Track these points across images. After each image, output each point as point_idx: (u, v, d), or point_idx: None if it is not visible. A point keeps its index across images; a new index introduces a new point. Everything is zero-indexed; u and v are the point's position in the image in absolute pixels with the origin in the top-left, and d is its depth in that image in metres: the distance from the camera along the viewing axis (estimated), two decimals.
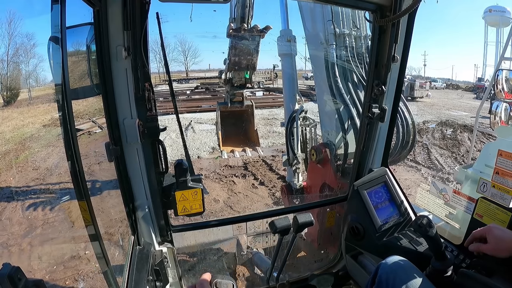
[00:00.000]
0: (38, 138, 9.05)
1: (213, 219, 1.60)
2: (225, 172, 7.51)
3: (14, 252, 3.98)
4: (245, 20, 3.94)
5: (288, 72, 3.13)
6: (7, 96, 13.34)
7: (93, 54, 1.06)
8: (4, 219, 4.89)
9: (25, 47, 16.95)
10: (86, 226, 0.96)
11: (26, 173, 6.87)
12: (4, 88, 14.09)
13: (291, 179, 3.07)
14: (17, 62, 17.25)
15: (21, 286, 0.59)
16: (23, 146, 8.50)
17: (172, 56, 47.21)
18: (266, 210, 2.45)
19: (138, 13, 1.05)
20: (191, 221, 1.61)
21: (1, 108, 12.99)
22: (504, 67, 2.71)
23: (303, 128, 2.95)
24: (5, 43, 17.84)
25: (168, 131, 10.89)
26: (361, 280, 1.60)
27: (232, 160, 8.03)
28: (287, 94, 3.14)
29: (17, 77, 15.40)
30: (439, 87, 32.87)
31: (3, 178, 6.65)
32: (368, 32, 2.66)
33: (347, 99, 2.52)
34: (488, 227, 1.13)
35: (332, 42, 2.56)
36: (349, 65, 2.62)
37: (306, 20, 2.72)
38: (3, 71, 15.42)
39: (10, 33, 17.71)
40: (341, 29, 2.57)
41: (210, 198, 6.07)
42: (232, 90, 4.57)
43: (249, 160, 8.09)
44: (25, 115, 11.67)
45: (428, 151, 8.84)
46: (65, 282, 3.33)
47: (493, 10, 6.49)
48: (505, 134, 2.16)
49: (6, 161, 7.61)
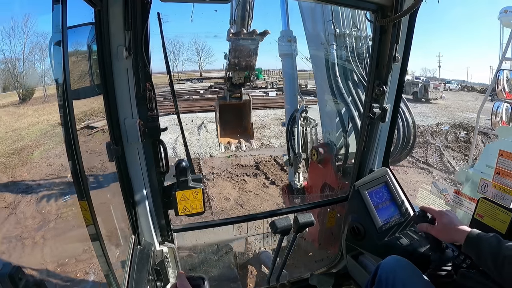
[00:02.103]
0: (53, 135, 9.24)
1: (214, 219, 1.60)
2: (236, 171, 7.54)
3: (19, 250, 4.00)
4: (245, 23, 4.16)
5: (288, 72, 3.15)
6: (22, 94, 13.55)
7: (94, 54, 1.06)
8: (18, 212, 4.93)
9: (41, 46, 17.18)
10: (87, 226, 0.96)
11: (40, 169, 7.02)
12: (19, 86, 14.33)
13: (292, 179, 3.07)
14: (33, 60, 17.45)
15: (21, 285, 0.59)
16: (38, 142, 8.74)
17: (186, 55, 47.19)
18: (267, 210, 2.44)
19: (139, 13, 1.05)
20: (192, 221, 1.61)
21: (17, 105, 13.20)
22: (505, 67, 2.70)
23: (303, 128, 2.95)
24: (21, 42, 18.09)
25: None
26: (362, 280, 1.60)
27: (244, 160, 8.12)
28: (287, 94, 3.15)
29: (33, 75, 15.57)
30: (453, 89, 32.25)
31: (18, 173, 6.87)
32: (368, 32, 2.67)
33: (347, 99, 2.52)
34: (440, 212, 1.19)
35: (332, 42, 2.57)
36: (349, 65, 2.63)
37: (306, 21, 2.73)
38: (19, 69, 15.65)
39: (26, 32, 17.95)
40: (341, 29, 2.57)
41: (221, 196, 6.11)
42: (231, 88, 4.78)
43: (260, 160, 8.15)
44: (40, 112, 11.83)
45: (440, 153, 8.81)
46: (65, 282, 3.34)
47: (509, 11, 6.41)
48: (506, 134, 2.16)
49: (22, 157, 7.85)
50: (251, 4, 4.12)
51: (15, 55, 18.04)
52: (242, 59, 4.33)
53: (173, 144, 9.08)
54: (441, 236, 1.15)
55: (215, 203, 5.81)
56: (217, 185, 6.62)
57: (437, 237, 1.15)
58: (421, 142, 9.84)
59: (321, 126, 2.84)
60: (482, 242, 1.00)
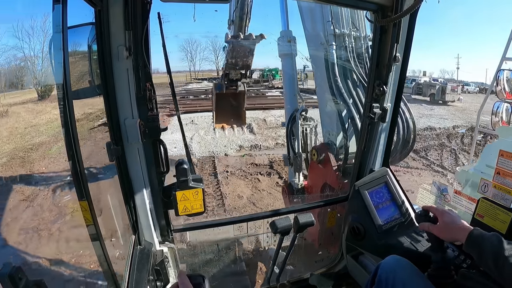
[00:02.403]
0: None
1: (214, 219, 1.60)
2: (250, 169, 7.61)
3: (35, 241, 4.02)
4: (242, 24, 4.45)
5: (288, 73, 3.16)
6: (41, 91, 13.80)
7: (94, 54, 1.06)
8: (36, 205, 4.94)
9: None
10: (87, 226, 0.96)
11: (58, 164, 7.15)
12: (38, 83, 14.63)
13: (292, 179, 3.07)
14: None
15: (22, 285, 0.59)
16: (56, 138, 8.87)
17: (203, 55, 47.08)
18: (267, 210, 2.44)
19: (139, 13, 1.05)
20: (192, 221, 1.61)
21: (36, 102, 13.41)
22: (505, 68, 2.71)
23: (303, 128, 2.95)
24: (40, 40, 18.32)
25: (197, 128, 11.22)
26: (362, 280, 1.60)
27: (258, 159, 8.20)
28: (287, 94, 3.16)
29: (51, 73, 15.93)
30: (472, 91, 31.30)
31: (36, 168, 7.06)
32: (368, 32, 2.67)
33: (347, 99, 2.52)
34: (442, 211, 1.18)
35: (332, 42, 2.57)
36: (349, 65, 2.63)
37: (306, 21, 2.74)
38: (38, 67, 15.87)
39: (44, 31, 18.16)
40: (340, 29, 2.58)
41: (235, 194, 6.19)
42: (229, 82, 5.13)
43: (275, 159, 8.19)
44: (58, 109, 12.10)
45: (455, 156, 8.75)
46: (66, 282, 3.34)
47: None
48: (506, 134, 2.16)
49: (40, 152, 8.09)
50: (249, 6, 4.32)
51: (34, 53, 18.41)
52: (239, 59, 4.71)
53: (188, 143, 9.11)
54: (443, 235, 1.14)
55: (228, 200, 5.87)
56: (231, 183, 6.70)
57: (439, 236, 1.15)
58: (436, 145, 9.78)
59: (321, 126, 2.84)
60: (483, 242, 1.00)
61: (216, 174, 7.27)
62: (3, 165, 7.06)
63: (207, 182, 6.84)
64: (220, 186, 6.46)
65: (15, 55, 18.95)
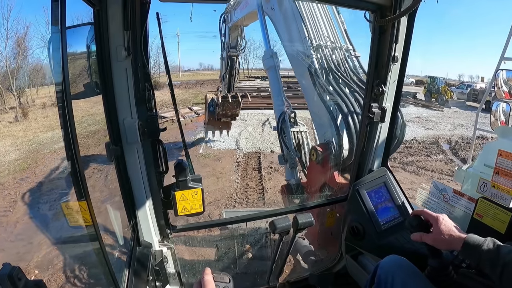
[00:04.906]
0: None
1: (213, 220, 1.60)
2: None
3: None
4: (231, 84, 6.46)
5: (274, 82, 3.36)
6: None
7: (93, 54, 1.06)
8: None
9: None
10: (86, 226, 0.96)
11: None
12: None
13: (289, 178, 3.08)
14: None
15: (21, 286, 0.59)
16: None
17: (257, 53, 46.99)
18: (266, 210, 2.44)
19: (138, 13, 1.05)
20: (192, 221, 1.61)
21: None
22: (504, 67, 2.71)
23: (295, 133, 3.05)
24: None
25: (246, 125, 11.62)
26: (361, 280, 1.60)
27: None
28: (275, 100, 3.33)
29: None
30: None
31: (91, 152, 7.71)
32: (343, 43, 2.97)
33: (339, 100, 2.61)
34: (436, 217, 1.12)
35: (311, 53, 2.79)
36: (330, 68, 2.79)
37: (283, 39, 3.08)
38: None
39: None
40: (317, 41, 2.83)
41: (276, 189, 6.32)
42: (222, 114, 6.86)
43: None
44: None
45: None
46: (65, 282, 3.33)
47: None
48: (505, 134, 2.16)
49: (95, 139, 8.89)
50: (237, 69, 6.21)
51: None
52: (229, 110, 6.71)
53: (236, 138, 9.84)
54: (437, 245, 1.10)
55: (268, 194, 5.94)
56: (274, 178, 6.73)
57: (433, 245, 1.11)
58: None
59: (314, 129, 2.91)
60: (479, 249, 0.98)
61: (260, 169, 7.34)
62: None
63: (250, 176, 6.91)
64: (263, 181, 6.57)
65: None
